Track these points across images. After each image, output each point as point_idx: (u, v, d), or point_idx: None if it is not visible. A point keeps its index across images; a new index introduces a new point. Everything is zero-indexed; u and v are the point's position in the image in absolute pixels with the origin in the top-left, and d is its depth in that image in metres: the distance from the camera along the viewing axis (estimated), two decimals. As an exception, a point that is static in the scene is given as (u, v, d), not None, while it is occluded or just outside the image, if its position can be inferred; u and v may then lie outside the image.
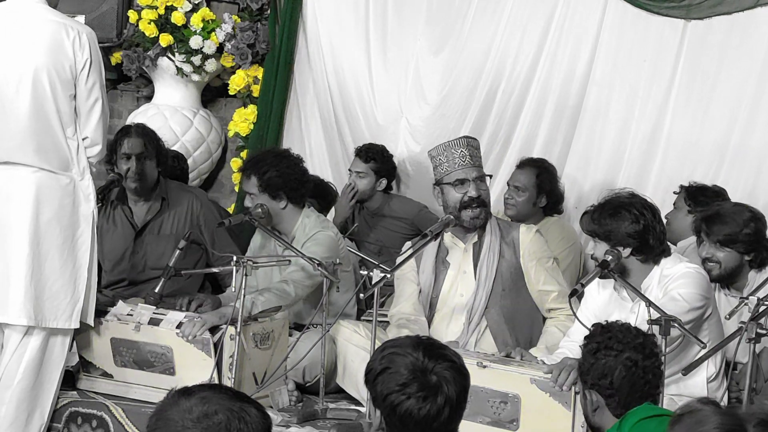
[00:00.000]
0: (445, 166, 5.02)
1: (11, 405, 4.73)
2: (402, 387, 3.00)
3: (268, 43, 7.23)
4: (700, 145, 6.05)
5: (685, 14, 6.05)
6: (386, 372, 3.04)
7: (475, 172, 5.01)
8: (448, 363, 3.05)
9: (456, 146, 5.03)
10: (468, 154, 5.01)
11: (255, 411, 2.52)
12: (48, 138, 4.70)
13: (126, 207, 5.75)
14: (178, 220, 5.70)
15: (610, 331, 3.82)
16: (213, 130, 7.47)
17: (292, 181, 5.38)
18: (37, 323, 4.71)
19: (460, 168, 4.99)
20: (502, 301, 5.03)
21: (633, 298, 4.63)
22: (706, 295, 4.61)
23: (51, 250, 4.73)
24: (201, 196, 5.91)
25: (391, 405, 3.01)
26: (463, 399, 3.05)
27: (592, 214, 4.69)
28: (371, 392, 3.09)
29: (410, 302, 5.15)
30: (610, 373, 3.76)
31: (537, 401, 4.30)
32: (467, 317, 5.01)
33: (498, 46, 6.55)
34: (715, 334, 4.66)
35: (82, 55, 4.70)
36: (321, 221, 5.46)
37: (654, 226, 4.60)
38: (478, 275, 5.04)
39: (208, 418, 2.47)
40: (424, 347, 3.07)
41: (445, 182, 5.02)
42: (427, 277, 5.12)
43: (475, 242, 5.09)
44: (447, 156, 5.01)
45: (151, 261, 5.68)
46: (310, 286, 5.15)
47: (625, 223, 4.57)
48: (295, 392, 5.05)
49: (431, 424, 3.01)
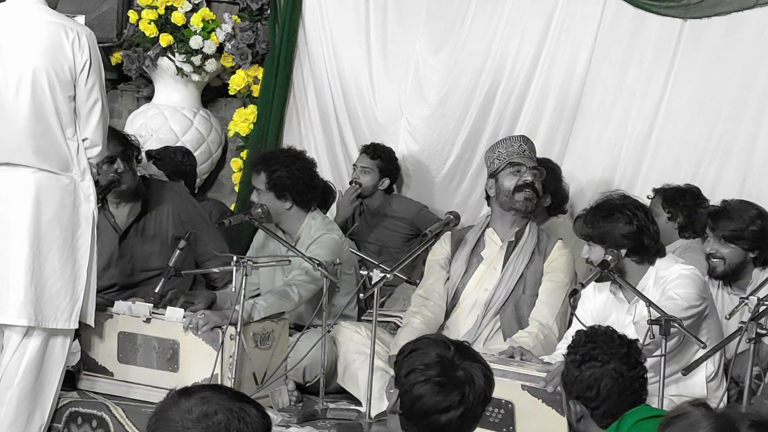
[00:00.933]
0: (504, 155, 5.18)
1: (11, 405, 4.73)
2: (425, 367, 3.00)
3: (268, 43, 7.23)
4: (697, 145, 6.05)
5: (684, 14, 6.05)
6: (416, 351, 3.05)
7: (532, 163, 5.20)
8: (479, 365, 3.05)
9: (516, 140, 5.26)
10: (527, 148, 5.23)
11: (255, 411, 2.52)
12: (47, 139, 4.70)
13: (108, 212, 5.57)
14: (161, 218, 5.57)
15: (594, 341, 3.79)
16: (213, 130, 7.47)
17: (300, 184, 5.36)
18: (36, 324, 4.71)
19: (518, 156, 5.16)
20: (520, 303, 5.06)
21: (630, 299, 4.63)
22: (704, 295, 4.60)
23: (51, 251, 4.73)
24: (180, 191, 5.78)
25: (409, 384, 3.00)
26: (479, 404, 3.03)
27: (585, 217, 4.68)
28: (396, 371, 3.08)
29: (435, 287, 5.18)
30: (595, 384, 3.73)
31: (530, 408, 4.29)
32: (483, 310, 5.05)
33: (498, 46, 6.55)
34: (714, 334, 4.66)
35: (82, 56, 4.70)
36: (326, 224, 5.45)
37: (648, 226, 4.60)
38: (503, 272, 5.10)
39: (208, 418, 2.48)
40: (460, 345, 3.08)
41: (501, 169, 5.17)
42: (459, 266, 5.19)
43: (511, 240, 5.13)
44: (506, 146, 5.22)
45: (139, 263, 5.56)
46: (314, 291, 5.12)
47: (619, 224, 4.57)
48: (295, 392, 5.05)
49: (439, 418, 2.99)
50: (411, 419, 3.01)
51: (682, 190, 5.61)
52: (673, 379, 4.57)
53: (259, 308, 4.92)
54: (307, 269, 5.09)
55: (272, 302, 5.00)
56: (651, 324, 4.25)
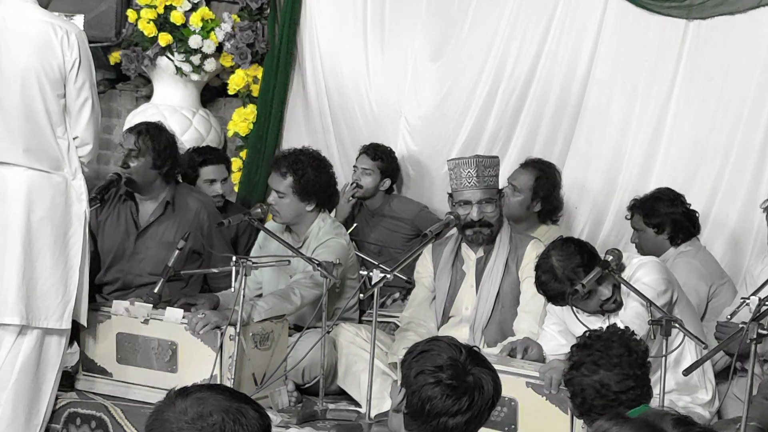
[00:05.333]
0: (455, 182, 5.10)
1: (8, 406, 4.73)
2: (436, 369, 2.99)
3: (267, 43, 7.22)
4: (701, 146, 6.03)
5: (687, 14, 6.03)
6: (427, 353, 3.04)
7: (480, 194, 5.04)
8: (489, 371, 3.06)
9: (465, 165, 5.08)
10: (475, 175, 5.05)
11: (252, 411, 2.52)
12: (37, 138, 4.69)
13: (133, 203, 5.54)
14: (183, 228, 5.45)
15: (590, 347, 3.82)
16: (212, 130, 7.45)
17: (325, 186, 5.40)
18: (28, 322, 4.70)
19: (466, 188, 5.05)
20: (501, 318, 5.04)
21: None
22: (668, 278, 4.70)
23: (43, 249, 4.72)
24: (209, 207, 5.68)
25: (418, 385, 2.99)
26: (486, 410, 3.04)
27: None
28: (403, 371, 3.07)
29: (422, 308, 5.18)
30: (580, 394, 3.79)
31: (534, 405, 4.30)
32: (470, 332, 5.05)
33: (498, 46, 6.53)
34: (688, 317, 4.68)
35: (71, 54, 4.68)
36: (335, 227, 5.44)
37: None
38: (479, 292, 5.07)
39: (203, 420, 2.47)
40: (471, 350, 3.08)
41: (454, 198, 5.10)
42: (443, 284, 5.16)
43: (480, 257, 5.10)
44: (456, 173, 5.09)
45: (149, 266, 5.49)
46: (316, 295, 5.09)
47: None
48: (294, 393, 5.04)
49: (447, 421, 2.98)
50: (417, 419, 3.01)
51: (655, 197, 5.54)
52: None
53: (259, 309, 4.91)
54: (312, 273, 5.08)
55: (273, 304, 4.99)
56: (651, 324, 4.26)
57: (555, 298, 4.59)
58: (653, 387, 3.96)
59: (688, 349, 4.66)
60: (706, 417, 4.72)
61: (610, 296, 4.62)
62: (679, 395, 4.69)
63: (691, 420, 2.58)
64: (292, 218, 5.38)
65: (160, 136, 5.53)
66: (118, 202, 5.57)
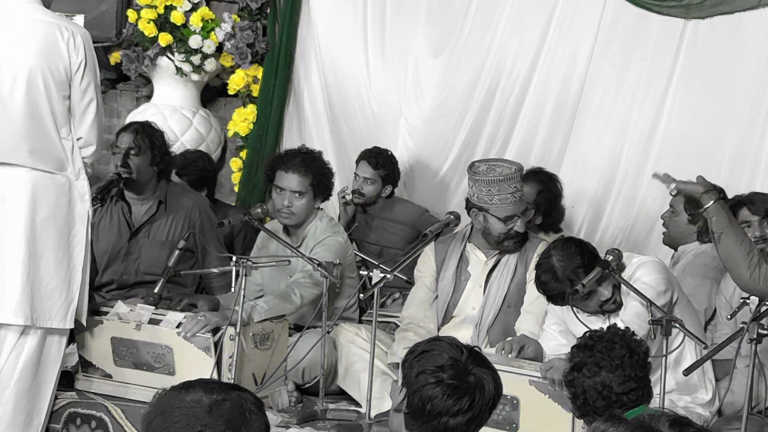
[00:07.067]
0: (497, 198, 4.98)
1: (8, 405, 4.73)
2: (437, 369, 2.99)
3: (267, 43, 7.22)
4: (698, 145, 6.04)
5: (685, 13, 6.04)
6: (428, 353, 3.04)
7: (523, 206, 5.06)
8: (490, 372, 3.06)
9: (510, 182, 4.98)
10: (520, 189, 5.04)
11: (248, 395, 2.53)
12: (42, 139, 4.69)
13: (125, 204, 5.56)
14: (175, 226, 5.50)
15: (591, 348, 3.81)
16: (212, 130, 7.46)
17: (331, 184, 5.46)
18: (32, 323, 4.70)
19: (512, 204, 5.00)
20: (506, 318, 5.04)
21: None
22: (668, 278, 4.68)
23: (46, 250, 4.72)
24: (201, 204, 5.68)
25: (419, 385, 2.99)
26: (487, 411, 3.04)
27: None
28: (404, 371, 3.07)
29: (422, 308, 5.17)
30: (582, 395, 3.79)
31: (536, 403, 4.29)
32: (475, 331, 5.04)
33: (497, 45, 6.54)
34: (689, 317, 4.67)
35: (77, 56, 4.69)
36: (332, 226, 5.43)
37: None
38: (487, 292, 5.06)
39: (220, 405, 2.47)
40: (472, 350, 3.08)
41: (492, 213, 5.00)
42: (447, 284, 5.14)
43: (492, 257, 5.09)
44: (499, 189, 4.97)
45: (144, 265, 5.51)
46: (316, 295, 5.08)
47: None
48: (294, 393, 5.04)
49: (448, 421, 2.99)
50: (418, 419, 3.01)
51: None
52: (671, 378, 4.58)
53: (259, 309, 4.91)
54: (311, 272, 5.08)
55: (273, 304, 4.99)
56: (652, 324, 4.26)
57: (555, 298, 4.59)
58: (653, 387, 3.96)
59: (688, 349, 4.66)
60: (707, 417, 4.72)
61: (610, 297, 4.62)
62: (679, 395, 4.69)
63: (687, 420, 2.58)
64: (305, 217, 5.37)
65: (155, 134, 5.58)
66: (110, 204, 5.57)
